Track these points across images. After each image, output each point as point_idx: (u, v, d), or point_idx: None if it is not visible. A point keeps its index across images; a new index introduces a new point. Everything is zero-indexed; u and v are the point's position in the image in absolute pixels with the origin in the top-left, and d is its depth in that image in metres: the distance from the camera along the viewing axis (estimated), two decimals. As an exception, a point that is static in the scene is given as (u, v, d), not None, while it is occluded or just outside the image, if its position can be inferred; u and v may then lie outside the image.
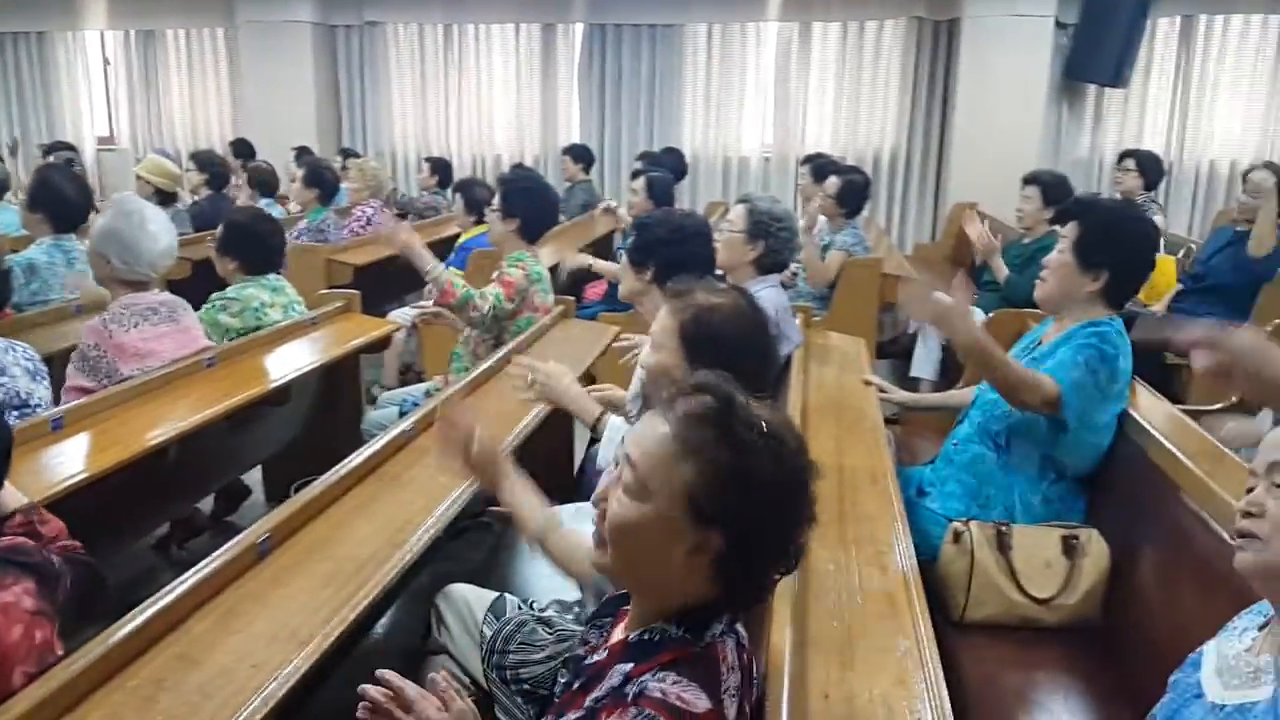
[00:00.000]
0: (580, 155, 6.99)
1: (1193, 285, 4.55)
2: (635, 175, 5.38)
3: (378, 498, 2.00)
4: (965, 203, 6.81)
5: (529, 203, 3.44)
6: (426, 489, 2.02)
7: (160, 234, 2.79)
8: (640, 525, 1.12)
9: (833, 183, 5.04)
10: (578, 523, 1.70)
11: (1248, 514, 1.21)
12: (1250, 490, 1.23)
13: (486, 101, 8.23)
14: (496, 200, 3.51)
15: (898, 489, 2.15)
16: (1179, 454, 2.07)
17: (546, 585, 2.00)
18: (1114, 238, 2.40)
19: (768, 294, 3.00)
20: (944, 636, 2.20)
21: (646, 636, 1.15)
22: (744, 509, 1.09)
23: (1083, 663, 2.09)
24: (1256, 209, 4.37)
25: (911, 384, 5.07)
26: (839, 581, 1.67)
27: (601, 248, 5.75)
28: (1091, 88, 7.21)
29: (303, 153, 6.75)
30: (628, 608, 1.24)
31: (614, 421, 2.27)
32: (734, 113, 7.88)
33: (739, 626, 1.19)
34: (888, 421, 3.50)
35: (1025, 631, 2.18)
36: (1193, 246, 5.06)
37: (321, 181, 5.25)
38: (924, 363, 5.05)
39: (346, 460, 2.08)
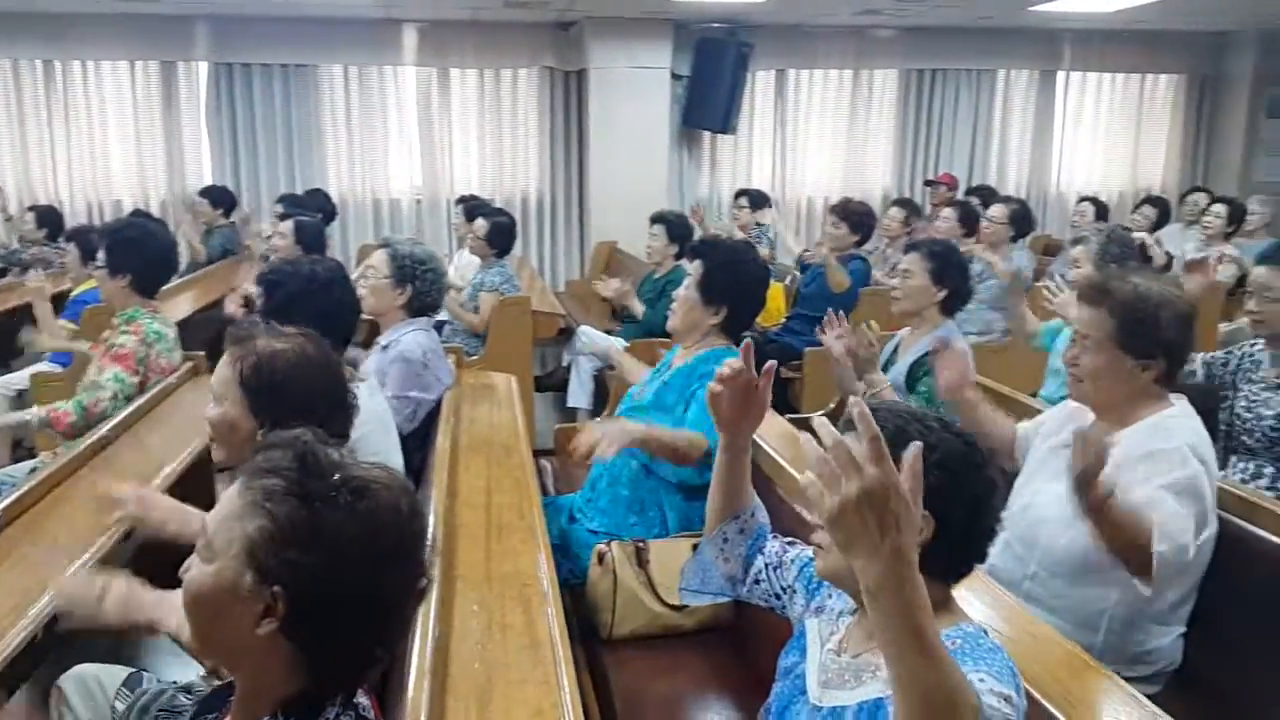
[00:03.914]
0: (219, 198, 6.57)
1: (798, 311, 5.16)
2: (283, 219, 5.09)
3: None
4: (606, 241, 7.24)
5: (139, 254, 3.18)
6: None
7: None
8: (208, 589, 1.04)
9: (481, 224, 5.15)
10: None
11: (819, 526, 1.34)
12: None
13: (100, 144, 7.46)
14: (101, 255, 3.19)
15: (543, 519, 2.23)
16: (775, 455, 2.35)
17: (186, 665, 1.88)
18: (732, 277, 2.67)
19: (415, 337, 3.00)
20: (597, 656, 2.34)
21: None
22: (310, 565, 1.00)
23: (720, 661, 2.29)
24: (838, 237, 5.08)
25: (569, 414, 5.30)
26: (483, 622, 1.68)
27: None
28: (706, 134, 7.86)
29: None
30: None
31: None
32: (380, 154, 7.76)
33: (360, 699, 1.12)
34: (546, 453, 3.65)
35: (669, 639, 2.34)
36: (797, 275, 5.73)
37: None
38: (579, 393, 5.30)
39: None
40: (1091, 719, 1.37)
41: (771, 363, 1.58)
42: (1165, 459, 1.93)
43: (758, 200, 6.07)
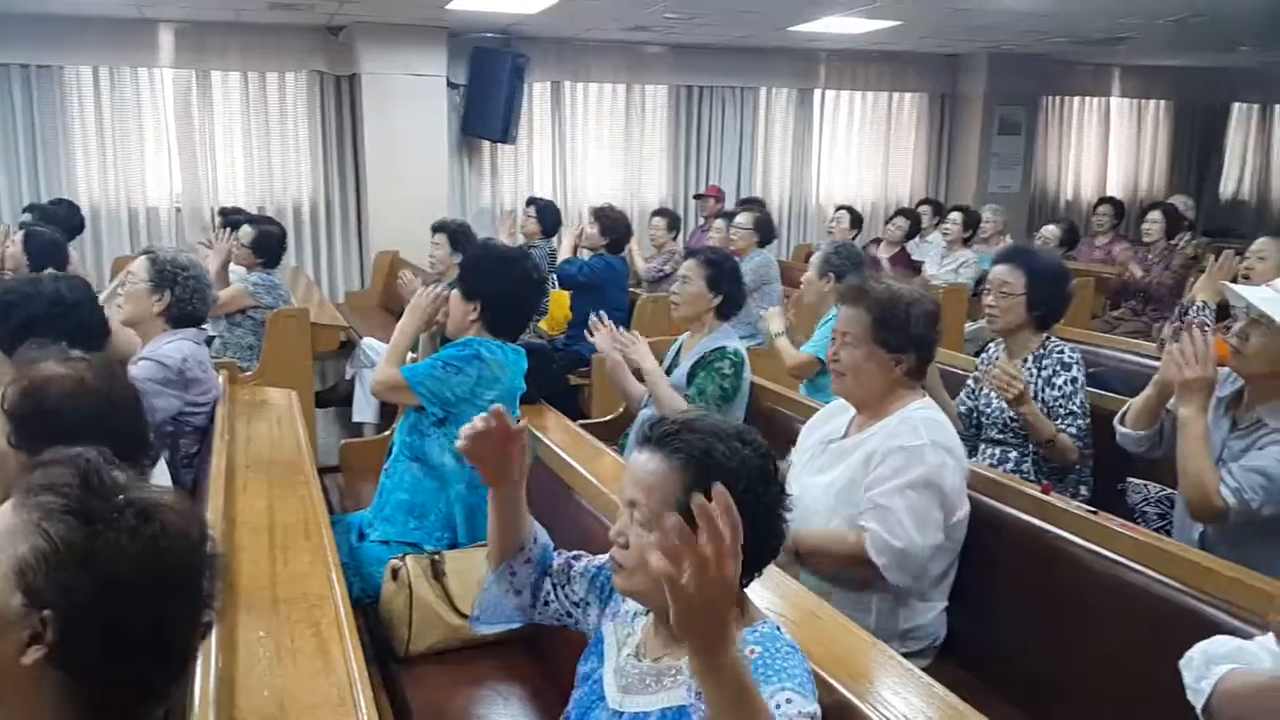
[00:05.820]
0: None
1: (577, 318, 5.24)
2: (23, 229, 4.66)
3: None
4: (388, 250, 7.06)
5: None
6: None
7: None
8: None
9: (246, 232, 4.90)
10: None
11: (618, 542, 1.36)
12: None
13: None
14: None
15: (332, 538, 2.16)
16: (568, 459, 2.39)
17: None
18: (485, 275, 2.71)
19: (178, 345, 2.82)
20: (393, 675, 2.28)
21: None
22: (84, 588, 0.95)
23: (521, 670, 2.29)
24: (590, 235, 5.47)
25: (355, 429, 5.13)
26: (270, 648, 1.61)
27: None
28: (487, 143, 7.81)
29: None
30: None
31: None
32: (135, 161, 7.19)
33: None
34: (331, 470, 3.52)
35: (467, 650, 2.32)
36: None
37: None
38: (364, 408, 5.14)
39: None
40: (872, 692, 1.47)
41: (522, 429, 1.54)
42: (909, 456, 2.12)
43: (545, 210, 6.12)
